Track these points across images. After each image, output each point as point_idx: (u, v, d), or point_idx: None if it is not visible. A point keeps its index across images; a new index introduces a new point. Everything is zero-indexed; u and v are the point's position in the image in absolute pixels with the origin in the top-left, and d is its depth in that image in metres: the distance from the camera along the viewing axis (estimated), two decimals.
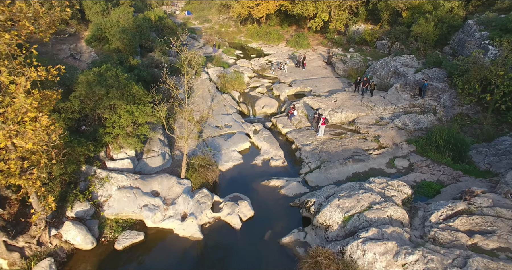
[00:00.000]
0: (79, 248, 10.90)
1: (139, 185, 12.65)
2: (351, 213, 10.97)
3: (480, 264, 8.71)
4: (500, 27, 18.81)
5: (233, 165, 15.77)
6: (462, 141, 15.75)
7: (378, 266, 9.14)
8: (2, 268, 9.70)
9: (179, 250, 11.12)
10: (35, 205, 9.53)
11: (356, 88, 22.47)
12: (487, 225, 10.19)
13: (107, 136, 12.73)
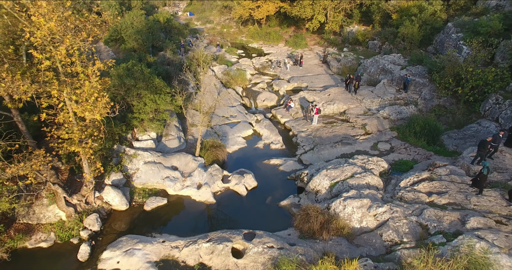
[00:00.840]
0: (115, 208, 13.62)
1: (161, 161, 15.38)
2: (336, 181, 13.72)
3: (432, 213, 11.46)
4: (472, 30, 21.59)
5: (238, 148, 18.53)
6: (436, 128, 18.54)
7: (355, 217, 11.87)
8: (62, 219, 12.40)
9: (196, 211, 13.83)
10: (86, 170, 12.24)
11: (347, 86, 25.06)
12: (442, 187, 12.94)
13: (135, 120, 15.47)
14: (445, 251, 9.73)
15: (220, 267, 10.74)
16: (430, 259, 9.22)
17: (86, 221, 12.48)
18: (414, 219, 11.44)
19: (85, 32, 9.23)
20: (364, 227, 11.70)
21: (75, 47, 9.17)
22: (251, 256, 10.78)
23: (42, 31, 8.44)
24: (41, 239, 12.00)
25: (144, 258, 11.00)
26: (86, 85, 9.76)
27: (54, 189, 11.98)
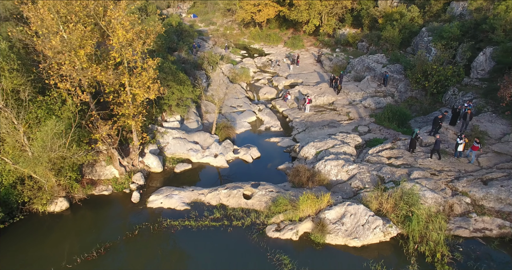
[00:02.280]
0: (153, 171, 18.27)
1: (186, 137, 20.04)
2: (320, 149, 18.40)
3: (388, 169, 16.14)
4: (438, 34, 26.31)
5: (244, 130, 23.22)
6: (405, 114, 23.21)
7: (332, 172, 16.54)
8: (116, 176, 17.03)
9: (214, 173, 18.49)
10: (135, 138, 16.88)
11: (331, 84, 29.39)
12: (399, 154, 17.63)
13: (165, 105, 20.13)
14: (392, 191, 14.37)
15: (235, 205, 15.38)
16: (380, 194, 13.93)
17: (134, 177, 17.13)
18: (375, 173, 16.11)
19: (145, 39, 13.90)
20: (339, 179, 16.37)
21: (138, 49, 13.85)
22: (256, 197, 15.44)
23: (122, 39, 13.09)
24: (103, 189, 16.63)
25: (180, 200, 15.65)
26: (144, 75, 14.44)
27: (112, 152, 16.64)
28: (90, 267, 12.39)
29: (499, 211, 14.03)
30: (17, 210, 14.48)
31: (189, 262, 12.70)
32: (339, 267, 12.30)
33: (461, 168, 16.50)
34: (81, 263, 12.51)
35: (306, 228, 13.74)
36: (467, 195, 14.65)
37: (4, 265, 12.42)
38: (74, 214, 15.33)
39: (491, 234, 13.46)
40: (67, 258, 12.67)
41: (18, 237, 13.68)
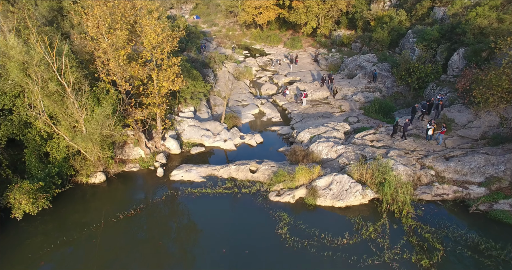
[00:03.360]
0: (172, 152, 21.87)
1: (199, 125, 23.65)
2: (314, 134, 22.03)
3: (370, 149, 19.76)
4: (421, 36, 29.97)
5: (249, 120, 26.84)
6: (390, 107, 26.86)
7: (324, 152, 20.15)
8: (142, 156, 20.61)
9: (224, 154, 22.09)
10: (159, 124, 20.47)
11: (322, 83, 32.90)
12: (380, 138, 21.26)
13: (181, 97, 23.74)
14: (370, 164, 17.97)
15: (243, 178, 18.98)
16: (361, 166, 17.55)
17: (157, 157, 20.73)
18: (359, 152, 19.72)
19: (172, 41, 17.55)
20: (329, 158, 19.98)
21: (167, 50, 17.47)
22: (260, 171, 19.05)
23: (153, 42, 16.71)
24: (132, 167, 20.23)
25: (197, 174, 19.25)
26: (169, 71, 18.08)
27: (139, 135, 20.25)
28: (130, 221, 15.99)
29: (456, 180, 17.66)
30: (67, 181, 18.07)
31: (207, 218, 16.26)
32: (327, 222, 15.89)
33: (430, 149, 20.14)
34: (123, 218, 16.11)
35: (301, 193, 17.34)
36: (432, 169, 18.29)
37: (62, 221, 16.00)
38: (110, 185, 18.93)
39: (448, 198, 17.09)
40: (112, 215, 16.27)
41: (69, 201, 17.28)
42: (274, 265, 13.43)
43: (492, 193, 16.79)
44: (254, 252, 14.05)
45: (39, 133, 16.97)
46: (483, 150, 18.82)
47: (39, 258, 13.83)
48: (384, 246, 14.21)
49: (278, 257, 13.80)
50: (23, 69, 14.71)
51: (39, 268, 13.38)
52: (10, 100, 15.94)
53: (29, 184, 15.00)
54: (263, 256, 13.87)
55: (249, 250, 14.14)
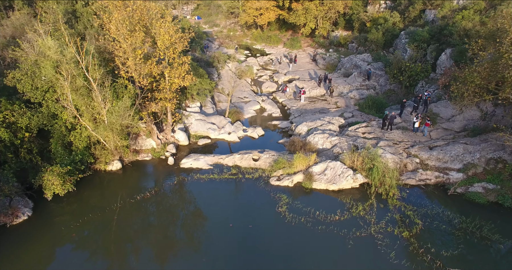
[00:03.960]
0: (181, 144, 24.06)
1: (205, 119, 25.85)
2: (311, 127, 24.25)
3: (361, 140, 21.98)
4: (413, 37, 32.22)
5: (251, 116, 29.04)
6: (382, 103, 29.08)
7: (319, 142, 22.36)
8: (153, 147, 22.79)
9: (228, 146, 24.28)
10: (169, 117, 22.66)
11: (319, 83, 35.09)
12: (372, 130, 23.47)
13: (188, 94, 25.95)
14: (360, 152, 20.17)
15: (246, 165, 21.17)
16: (352, 154, 19.74)
17: (168, 147, 22.92)
18: (351, 143, 21.93)
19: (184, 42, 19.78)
20: (324, 148, 22.19)
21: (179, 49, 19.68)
22: (262, 159, 21.25)
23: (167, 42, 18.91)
24: (145, 156, 22.41)
25: (205, 162, 21.44)
26: (179, 68, 20.29)
27: (152, 127, 22.44)
28: (147, 202, 18.17)
29: (438, 167, 19.87)
30: (87, 168, 20.24)
31: (215, 199, 18.43)
32: (322, 202, 18.08)
33: (416, 140, 22.37)
34: (140, 199, 18.29)
35: (299, 178, 19.54)
36: (417, 157, 20.51)
37: (85, 202, 18.15)
38: (126, 172, 21.11)
39: (430, 182, 19.30)
40: (129, 197, 18.45)
41: (90, 186, 19.45)
42: (275, 237, 15.62)
43: (469, 177, 19.02)
44: (257, 226, 16.24)
45: (64, 124, 19.15)
46: (463, 140, 21.05)
47: (70, 231, 16.00)
48: (371, 221, 16.40)
49: (278, 230, 15.99)
50: (55, 67, 16.87)
51: (72, 238, 15.55)
52: (41, 94, 18.11)
53: (59, 168, 17.18)
54: (265, 229, 16.06)
55: (253, 225, 16.33)
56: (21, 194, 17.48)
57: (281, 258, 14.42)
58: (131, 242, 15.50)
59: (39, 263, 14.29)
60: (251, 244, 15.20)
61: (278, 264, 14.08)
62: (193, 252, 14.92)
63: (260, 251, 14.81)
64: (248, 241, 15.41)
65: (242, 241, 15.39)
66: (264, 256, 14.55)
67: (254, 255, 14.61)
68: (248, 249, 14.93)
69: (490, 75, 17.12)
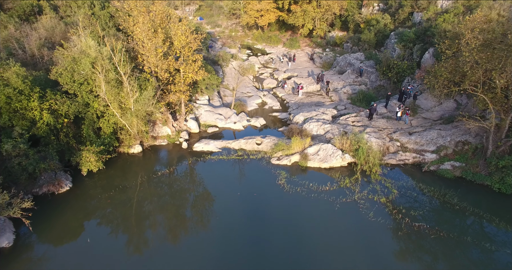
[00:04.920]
0: (192, 131, 27.73)
1: (213, 110, 29.52)
2: (307, 117, 27.93)
3: (350, 127, 25.66)
4: (401, 37, 35.93)
5: (253, 108, 32.73)
6: (372, 97, 32.76)
7: (314, 129, 26.02)
8: (169, 134, 26.43)
9: (234, 133, 27.95)
10: (183, 108, 26.31)
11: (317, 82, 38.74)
12: (360, 119, 27.15)
13: (198, 88, 29.61)
14: (348, 136, 23.80)
15: (250, 149, 24.81)
16: (341, 138, 23.42)
17: (181, 134, 26.57)
18: (342, 129, 25.58)
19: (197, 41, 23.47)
20: (318, 134, 25.84)
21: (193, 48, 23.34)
22: (264, 143, 24.90)
23: (183, 42, 22.55)
24: (161, 142, 26.05)
25: (214, 146, 25.08)
26: (193, 65, 23.96)
27: (168, 116, 26.08)
28: (165, 179, 21.79)
29: (415, 149, 23.52)
30: (113, 150, 23.85)
31: (224, 175, 22.04)
32: (315, 177, 21.69)
33: (398, 127, 26.04)
34: (160, 175, 21.93)
35: (296, 158, 23.18)
36: (398, 141, 24.17)
37: (113, 178, 21.74)
38: (145, 155, 24.74)
39: (408, 162, 22.95)
40: (149, 175, 22.07)
41: (116, 165, 23.06)
42: (276, 202, 19.25)
43: (440, 157, 22.68)
44: (260, 194, 19.88)
45: (95, 112, 22.77)
46: (438, 127, 24.73)
47: (105, 198, 19.62)
48: (355, 191, 20.04)
49: (278, 197, 19.62)
50: (92, 63, 20.49)
51: (108, 204, 19.17)
52: (77, 86, 21.72)
53: (95, 147, 20.83)
54: (267, 197, 19.71)
55: (257, 193, 19.97)
56: (62, 170, 21.11)
57: (280, 219, 18.03)
58: (150, 215, 19.11)
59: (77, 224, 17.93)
60: (255, 208, 18.83)
61: (278, 224, 17.68)
62: (207, 215, 18.54)
63: (263, 214, 18.44)
64: (252, 206, 19.04)
65: (248, 206, 19.02)
66: (266, 217, 18.17)
67: (257, 216, 18.22)
68: (253, 212, 18.55)
69: (454, 70, 20.74)
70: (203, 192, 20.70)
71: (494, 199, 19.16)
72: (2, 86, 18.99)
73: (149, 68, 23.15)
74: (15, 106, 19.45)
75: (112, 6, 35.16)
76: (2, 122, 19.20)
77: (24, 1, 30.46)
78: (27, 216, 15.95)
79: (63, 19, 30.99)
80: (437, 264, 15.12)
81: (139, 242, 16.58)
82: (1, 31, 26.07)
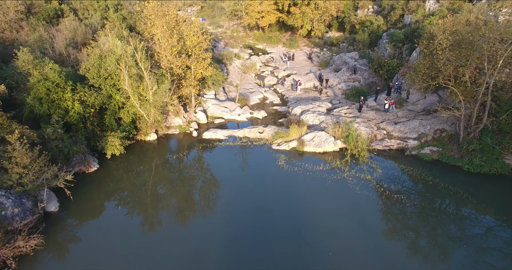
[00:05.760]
0: (201, 122, 31.24)
1: (219, 104, 33.03)
2: (304, 109, 31.46)
3: (343, 118, 29.20)
4: (391, 38, 39.47)
5: (255, 103, 36.25)
6: (364, 92, 36.27)
7: (310, 119, 29.53)
8: (180, 124, 29.91)
9: (238, 124, 31.44)
10: (193, 100, 29.79)
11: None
12: (351, 111, 30.67)
13: (205, 84, 33.12)
14: (340, 124, 27.32)
15: (253, 136, 28.31)
16: (334, 126, 26.94)
17: (191, 125, 30.06)
18: (335, 120, 29.08)
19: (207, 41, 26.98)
20: (314, 124, 29.33)
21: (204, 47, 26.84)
22: (266, 132, 28.40)
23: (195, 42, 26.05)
24: (174, 131, 29.54)
25: (221, 134, 28.57)
26: (203, 62, 27.48)
27: (179, 108, 29.57)
28: (179, 162, 25.26)
29: (399, 137, 27.00)
30: (131, 138, 27.31)
31: (230, 158, 25.49)
32: (310, 159, 25.16)
33: (386, 118, 29.54)
34: (176, 157, 25.41)
35: (294, 144, 26.66)
36: (385, 130, 27.66)
37: (132, 162, 25.20)
38: (160, 142, 28.21)
39: (393, 148, 26.43)
40: (166, 158, 25.55)
41: (135, 150, 26.55)
42: (276, 179, 22.72)
43: (421, 143, 26.16)
44: (263, 173, 23.37)
45: (117, 103, 26.25)
46: (420, 117, 28.24)
47: (129, 176, 23.08)
48: (345, 170, 23.52)
49: (278, 175, 23.09)
50: (117, 60, 23.98)
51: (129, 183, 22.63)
52: (102, 81, 25.19)
53: (119, 133, 24.32)
54: (269, 175, 23.18)
55: (260, 172, 23.46)
56: (89, 153, 24.57)
57: (280, 192, 21.48)
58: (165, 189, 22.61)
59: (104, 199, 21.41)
60: (258, 184, 22.29)
61: (278, 197, 21.11)
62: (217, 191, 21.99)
63: (265, 188, 21.90)
64: (256, 182, 22.50)
65: (252, 182, 22.49)
66: (268, 191, 21.62)
67: (260, 191, 21.66)
68: (256, 187, 22.01)
69: (431, 66, 24.20)
70: (213, 172, 24.17)
71: (463, 177, 22.64)
72: (43, 80, 22.46)
73: (165, 64, 26.67)
74: (52, 97, 22.91)
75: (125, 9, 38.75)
76: (43, 111, 22.66)
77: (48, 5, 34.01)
78: (69, 187, 19.42)
79: (82, 21, 34.50)
80: (409, 221, 18.64)
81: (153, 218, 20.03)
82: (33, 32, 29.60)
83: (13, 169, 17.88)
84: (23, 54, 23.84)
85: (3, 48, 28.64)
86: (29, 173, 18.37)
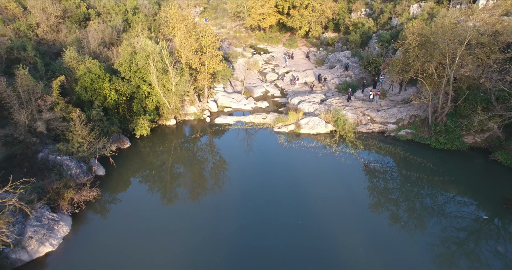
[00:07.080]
0: (212, 111, 37.00)
1: (227, 95, 38.78)
2: (301, 99, 37.24)
3: (333, 107, 34.96)
4: (379, 38, 45.27)
5: (259, 95, 42.03)
6: (354, 86, 42.06)
7: (306, 108, 35.29)
8: (195, 112, 35.61)
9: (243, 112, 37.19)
10: (206, 92, 35.50)
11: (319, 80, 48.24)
12: (341, 101, 36.44)
13: (216, 78, 38.87)
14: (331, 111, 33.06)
15: (258, 122, 34.04)
16: (326, 112, 32.77)
17: (205, 112, 35.79)
18: (326, 108, 34.81)
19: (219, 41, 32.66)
20: (309, 111, 35.07)
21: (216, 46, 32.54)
22: (269, 117, 34.15)
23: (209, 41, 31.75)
24: (189, 118, 35.26)
25: (231, 120, 34.30)
26: (215, 58, 33.23)
27: (194, 97, 35.29)
28: (195, 142, 30.98)
29: (381, 122, 32.75)
30: (155, 122, 32.98)
31: (238, 138, 31.20)
32: (305, 139, 30.87)
33: (370, 106, 35.30)
34: (194, 138, 31.11)
35: (292, 127, 32.39)
36: (369, 116, 33.42)
37: (156, 141, 30.89)
38: (178, 126, 33.92)
39: (375, 130, 32.19)
40: (186, 137, 31.25)
41: (158, 133, 32.25)
42: (277, 154, 28.45)
43: (399, 127, 31.90)
44: (266, 149, 29.10)
45: (144, 92, 31.96)
46: (399, 106, 34.02)
47: (161, 152, 28.77)
48: (333, 147, 29.25)
49: (278, 151, 28.82)
50: (146, 56, 29.73)
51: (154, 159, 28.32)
52: (132, 74, 30.89)
53: (147, 116, 30.04)
54: (271, 150, 28.92)
55: (263, 148, 29.18)
56: (122, 133, 30.25)
57: (280, 164, 27.20)
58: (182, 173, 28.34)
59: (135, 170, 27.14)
60: (262, 157, 28.02)
61: (279, 167, 26.82)
62: (227, 164, 27.71)
63: (267, 161, 27.62)
64: (260, 156, 28.23)
65: (257, 157, 28.22)
66: (270, 163, 27.34)
67: (264, 163, 27.39)
68: (260, 160, 27.72)
69: (405, 62, 29.97)
70: (224, 149, 29.89)
71: (429, 152, 28.38)
72: (87, 72, 28.17)
73: (184, 60, 32.42)
74: (95, 86, 28.60)
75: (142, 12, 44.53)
76: (87, 97, 28.35)
77: (79, 10, 39.71)
78: (113, 156, 25.10)
79: (106, 23, 40.23)
80: (381, 183, 24.39)
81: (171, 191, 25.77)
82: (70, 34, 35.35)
83: (74, 139, 23.56)
84: (69, 52, 29.58)
85: (48, 47, 34.35)
86: (85, 144, 24.05)
